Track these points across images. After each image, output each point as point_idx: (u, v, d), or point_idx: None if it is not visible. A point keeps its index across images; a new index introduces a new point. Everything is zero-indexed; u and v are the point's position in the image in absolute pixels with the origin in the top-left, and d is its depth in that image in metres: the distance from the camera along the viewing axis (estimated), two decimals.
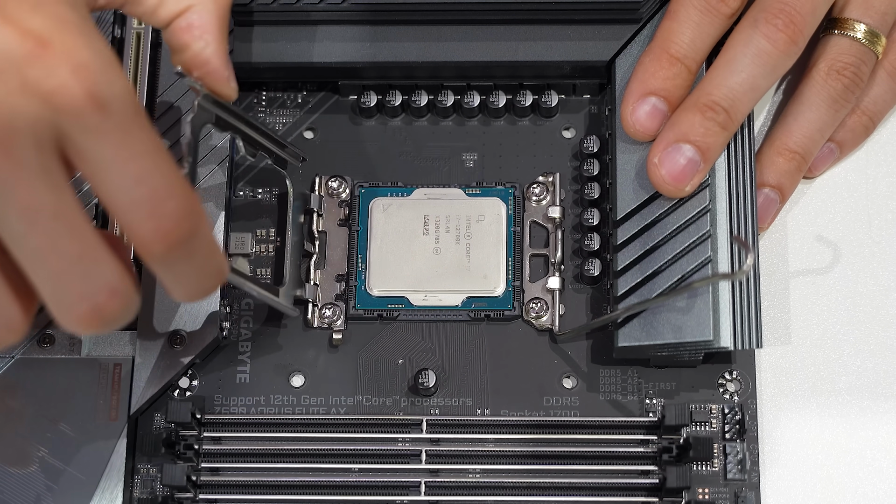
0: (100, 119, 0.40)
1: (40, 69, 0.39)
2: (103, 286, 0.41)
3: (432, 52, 0.56)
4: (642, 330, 0.52)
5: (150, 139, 0.41)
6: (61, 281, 0.41)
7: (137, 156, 0.40)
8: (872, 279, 0.56)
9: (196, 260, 0.43)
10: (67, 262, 0.40)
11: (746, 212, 0.53)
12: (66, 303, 0.41)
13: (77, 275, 0.41)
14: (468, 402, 0.54)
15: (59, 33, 0.39)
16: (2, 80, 0.39)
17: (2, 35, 0.39)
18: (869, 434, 0.54)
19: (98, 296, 0.41)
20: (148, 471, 0.53)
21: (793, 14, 0.52)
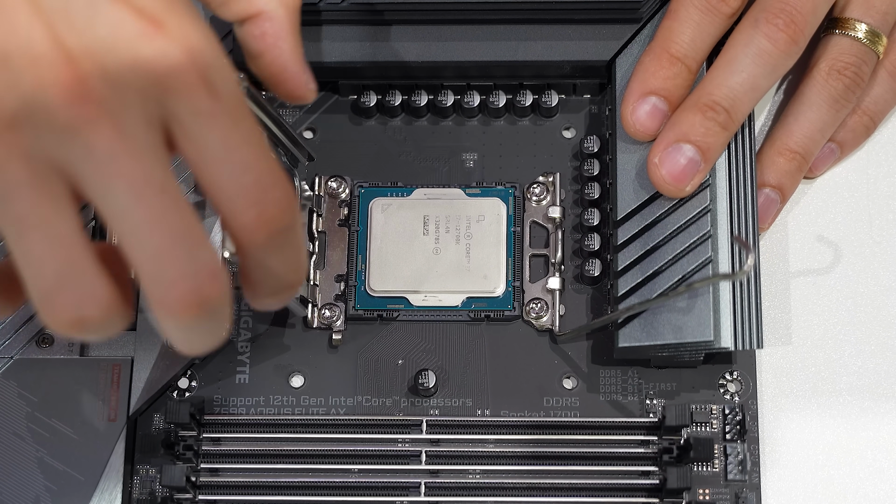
0: (211, 103, 0.40)
1: (154, 49, 0.39)
2: (204, 267, 0.40)
3: (432, 52, 0.56)
4: (643, 330, 0.52)
5: (256, 128, 0.41)
6: (164, 258, 0.40)
7: (245, 143, 0.40)
8: (873, 279, 0.56)
9: (288, 252, 0.43)
10: (171, 238, 0.39)
11: (747, 212, 0.53)
12: (167, 281, 0.40)
13: (180, 252, 0.40)
14: (468, 402, 0.54)
15: (171, 15, 0.39)
16: (115, 56, 0.39)
17: (115, 13, 0.39)
18: (870, 434, 0.54)
19: (199, 276, 0.40)
20: (147, 471, 0.53)
21: (793, 14, 0.52)
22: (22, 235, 0.39)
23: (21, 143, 0.38)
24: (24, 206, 0.39)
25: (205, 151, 0.40)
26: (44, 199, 0.39)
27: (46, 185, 0.39)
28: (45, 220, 0.39)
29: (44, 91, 0.38)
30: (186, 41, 0.39)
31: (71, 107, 0.38)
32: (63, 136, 0.38)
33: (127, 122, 0.39)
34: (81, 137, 0.38)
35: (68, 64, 0.38)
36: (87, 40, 0.38)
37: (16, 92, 0.38)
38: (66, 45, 0.38)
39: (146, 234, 0.39)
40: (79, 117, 0.38)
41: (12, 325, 0.54)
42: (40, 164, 0.39)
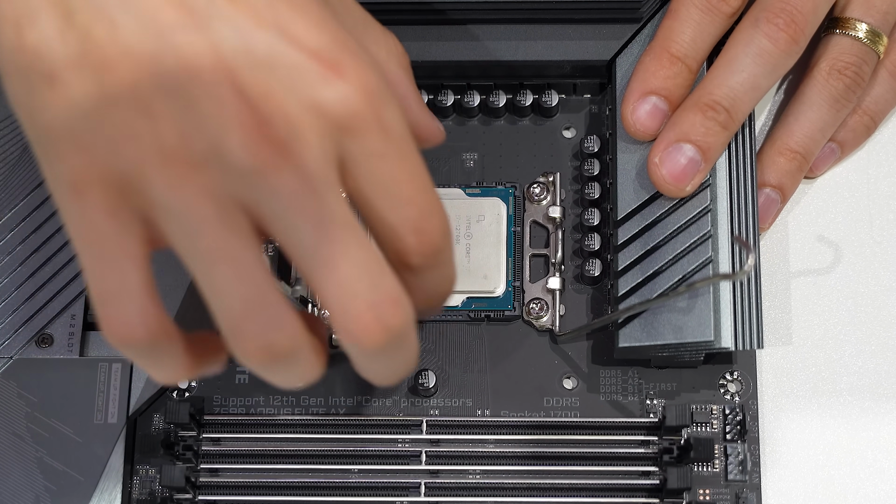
0: (383, 142, 0.41)
1: (334, 92, 0.40)
2: (387, 296, 0.42)
3: (432, 52, 0.56)
4: (643, 330, 0.52)
5: (419, 159, 0.42)
6: (348, 291, 0.41)
7: (409, 177, 0.42)
8: (874, 279, 0.56)
9: (443, 269, 0.44)
10: (355, 271, 0.41)
11: (747, 212, 0.53)
12: (353, 312, 0.41)
13: (364, 284, 0.41)
14: (468, 402, 0.54)
15: (348, 57, 0.41)
16: (296, 100, 0.40)
17: (295, 57, 0.40)
18: (870, 435, 0.54)
19: (383, 305, 0.41)
20: (147, 472, 0.53)
21: (794, 13, 0.52)
22: (210, 269, 0.41)
23: (208, 182, 0.39)
24: (211, 241, 0.40)
25: (371, 186, 0.42)
26: (230, 233, 0.40)
27: (232, 219, 0.40)
28: (231, 253, 0.40)
29: (229, 135, 0.39)
30: (363, 83, 0.41)
31: (254, 151, 0.39)
32: (247, 177, 0.39)
33: (308, 162, 0.40)
34: (265, 180, 0.39)
35: (251, 109, 0.39)
36: (269, 85, 0.40)
37: (203, 135, 0.39)
38: (248, 89, 0.39)
39: (330, 270, 0.41)
40: (262, 161, 0.39)
41: (12, 325, 0.54)
42: (226, 200, 0.40)
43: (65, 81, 0.39)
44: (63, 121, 0.40)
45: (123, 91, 0.39)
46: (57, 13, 0.39)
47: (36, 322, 0.54)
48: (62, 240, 0.55)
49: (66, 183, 0.40)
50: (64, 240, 0.55)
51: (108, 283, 0.41)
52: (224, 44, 0.39)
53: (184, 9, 0.39)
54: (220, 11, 0.40)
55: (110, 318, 0.41)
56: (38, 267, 0.55)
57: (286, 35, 0.40)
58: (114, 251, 0.41)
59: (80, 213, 0.41)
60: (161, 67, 0.39)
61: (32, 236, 0.55)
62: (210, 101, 0.39)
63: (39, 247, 0.55)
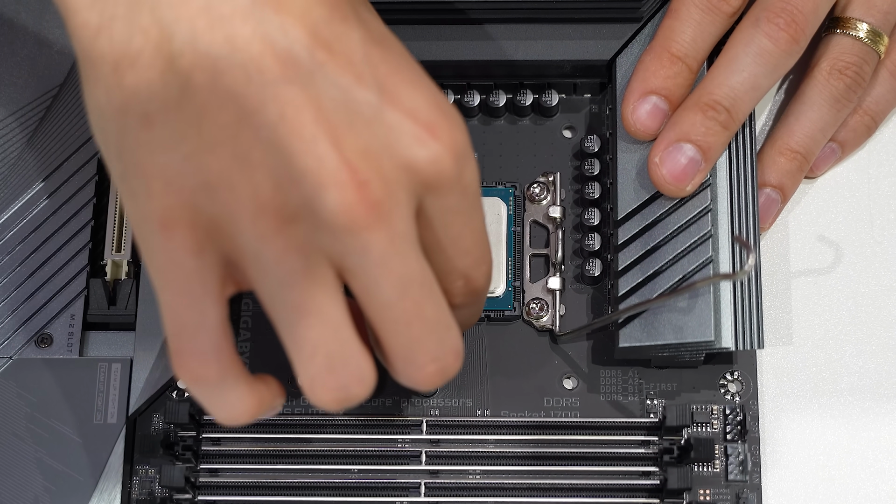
0: (459, 200, 0.43)
1: (428, 153, 0.41)
2: (451, 349, 0.44)
3: (432, 52, 0.56)
4: (643, 330, 0.51)
5: (482, 212, 0.45)
6: (418, 345, 0.43)
7: (472, 231, 0.44)
8: (874, 279, 0.56)
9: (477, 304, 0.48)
10: (427, 327, 0.43)
11: (748, 212, 0.52)
12: (418, 364, 0.44)
13: (433, 339, 0.43)
14: (468, 402, 0.54)
15: (441, 116, 0.42)
16: (392, 160, 0.41)
17: (394, 117, 0.41)
18: (871, 435, 0.53)
19: (446, 358, 0.44)
20: (146, 472, 0.53)
21: (794, 13, 0.52)
22: (296, 323, 0.42)
23: (299, 236, 0.40)
24: (299, 295, 0.41)
25: (441, 238, 0.44)
26: (317, 287, 0.41)
27: (320, 273, 0.41)
28: (318, 307, 0.41)
29: (325, 192, 0.40)
30: (454, 144, 0.42)
31: (349, 210, 0.40)
32: (339, 234, 0.40)
33: (397, 222, 0.41)
34: (356, 238, 0.40)
35: (349, 167, 0.40)
36: (367, 143, 0.40)
37: (299, 189, 0.40)
38: (347, 146, 0.40)
39: (405, 326, 0.43)
40: (355, 220, 0.40)
41: (11, 324, 0.54)
42: (315, 254, 0.41)
43: (162, 123, 0.40)
44: (158, 162, 0.40)
45: (223, 139, 0.40)
46: (160, 56, 0.39)
47: (35, 322, 0.54)
48: (62, 239, 0.55)
49: (153, 220, 0.41)
50: (64, 239, 0.55)
51: (186, 319, 0.42)
52: (325, 100, 0.40)
53: (287, 63, 0.39)
54: (323, 68, 0.40)
55: (184, 353, 0.42)
56: (38, 266, 0.55)
57: (385, 94, 0.41)
58: (195, 288, 0.42)
59: (164, 250, 0.41)
60: (262, 119, 0.39)
61: (32, 236, 0.55)
62: (308, 156, 0.40)
63: (39, 246, 0.55)
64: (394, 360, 0.44)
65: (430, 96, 0.42)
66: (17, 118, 0.57)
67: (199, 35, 0.39)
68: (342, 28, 0.41)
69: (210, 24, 0.39)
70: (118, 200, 0.55)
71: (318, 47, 0.40)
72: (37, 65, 0.58)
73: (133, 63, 0.39)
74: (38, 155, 0.56)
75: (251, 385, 0.44)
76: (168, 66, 0.39)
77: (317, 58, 0.40)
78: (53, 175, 0.56)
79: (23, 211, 0.56)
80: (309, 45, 0.40)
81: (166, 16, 0.39)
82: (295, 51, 0.40)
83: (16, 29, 0.58)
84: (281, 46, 0.39)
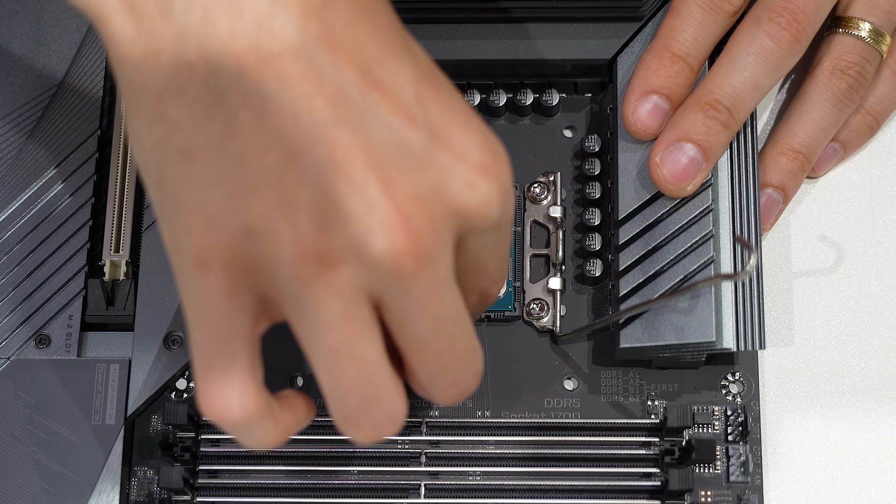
0: (497, 236, 0.43)
1: (479, 197, 0.41)
2: (473, 373, 0.45)
3: (431, 51, 0.55)
4: (644, 331, 0.51)
5: (510, 238, 0.46)
6: (445, 372, 0.44)
7: (499, 259, 0.45)
8: (876, 280, 0.55)
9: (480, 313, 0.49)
10: (456, 357, 0.43)
11: (749, 212, 0.52)
12: (441, 387, 0.44)
13: (459, 368, 0.44)
14: (468, 403, 0.54)
15: (492, 158, 0.42)
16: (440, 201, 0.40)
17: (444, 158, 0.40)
18: (873, 436, 0.53)
19: (468, 382, 0.45)
20: (145, 473, 0.53)
21: (796, 12, 0.52)
22: (333, 365, 0.41)
23: (341, 282, 0.40)
24: (338, 338, 0.41)
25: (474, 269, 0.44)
26: (356, 330, 0.41)
27: (359, 316, 0.41)
28: (355, 350, 0.41)
29: (374, 237, 0.39)
30: (502, 185, 0.42)
31: (397, 255, 0.39)
32: (384, 279, 0.40)
33: (441, 266, 0.41)
34: (401, 282, 0.40)
35: (399, 212, 0.39)
36: (417, 187, 0.40)
37: (345, 233, 0.39)
38: (396, 190, 0.39)
39: (435, 357, 0.43)
40: (403, 265, 0.40)
41: (9, 325, 0.54)
42: (357, 297, 0.40)
43: (204, 160, 0.39)
44: (199, 199, 0.39)
45: (267, 180, 0.39)
46: (206, 92, 0.38)
47: (34, 322, 0.54)
48: (60, 239, 0.55)
49: (189, 256, 0.40)
50: (62, 240, 0.55)
51: (215, 361, 0.41)
52: (376, 142, 0.39)
53: (338, 102, 0.38)
54: (375, 108, 0.39)
55: (210, 395, 0.42)
56: (36, 267, 0.55)
57: (437, 135, 0.40)
58: (226, 331, 0.41)
59: (198, 288, 0.40)
60: (309, 161, 0.38)
61: (30, 236, 0.55)
62: (356, 199, 0.39)
63: (37, 246, 0.55)
64: (419, 383, 0.44)
65: (481, 136, 0.41)
66: (14, 118, 0.57)
67: (248, 72, 0.38)
68: (395, 66, 0.40)
69: (259, 62, 0.38)
70: (116, 200, 0.55)
71: (370, 87, 0.39)
72: (35, 64, 0.58)
73: (178, 97, 0.38)
74: (35, 155, 0.56)
75: (276, 419, 0.44)
76: (214, 102, 0.38)
77: (369, 98, 0.39)
78: (51, 175, 0.56)
79: (21, 211, 0.55)
80: (361, 84, 0.39)
81: (214, 51, 0.38)
82: (346, 90, 0.38)
83: (14, 28, 0.58)
84: (332, 85, 0.38)
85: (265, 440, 0.44)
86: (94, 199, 0.56)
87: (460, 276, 0.43)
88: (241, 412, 0.42)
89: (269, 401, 0.43)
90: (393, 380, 0.43)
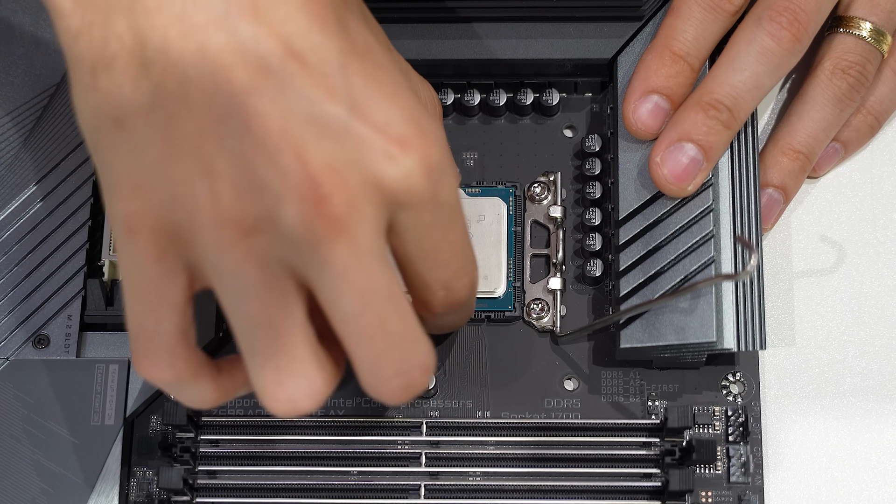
0: (433, 215, 0.42)
1: (397, 170, 0.41)
2: (417, 365, 0.44)
3: (431, 50, 0.55)
4: (645, 331, 0.51)
5: (462, 225, 0.45)
6: (382, 359, 0.43)
7: (450, 244, 0.44)
8: (878, 280, 0.55)
9: (463, 311, 0.48)
10: (391, 341, 0.43)
11: (750, 212, 0.52)
12: (382, 378, 0.43)
13: (397, 354, 0.43)
14: (468, 404, 0.54)
15: (414, 131, 0.41)
16: (358, 175, 0.40)
17: (362, 129, 0.40)
18: (874, 437, 0.53)
19: (412, 373, 0.44)
20: (144, 474, 0.53)
21: (797, 12, 0.52)
22: (249, 333, 0.42)
23: (258, 248, 0.40)
24: (254, 306, 0.41)
25: (416, 252, 0.43)
26: (272, 299, 0.41)
27: (277, 286, 0.41)
28: (271, 319, 0.42)
29: (286, 204, 0.40)
30: (426, 159, 0.41)
31: (310, 224, 0.40)
32: (300, 247, 0.40)
33: (361, 237, 0.41)
34: (317, 251, 0.40)
35: (312, 181, 0.40)
36: (333, 157, 0.40)
37: (260, 200, 0.40)
38: (312, 160, 0.40)
39: (368, 339, 0.42)
40: (316, 234, 0.40)
41: (8, 325, 0.54)
42: (274, 266, 0.41)
43: (132, 128, 0.40)
44: (126, 165, 0.41)
45: (189, 147, 0.40)
46: (133, 63, 0.40)
47: (32, 323, 0.54)
48: (59, 239, 0.55)
49: (120, 222, 0.41)
50: (61, 240, 0.55)
51: (144, 324, 0.43)
52: (294, 112, 0.40)
53: (257, 73, 0.39)
54: (294, 79, 0.40)
55: (141, 356, 0.43)
56: (35, 267, 0.55)
57: (356, 108, 0.41)
58: (153, 295, 0.42)
59: (128, 253, 0.42)
60: (227, 129, 0.40)
61: (29, 236, 0.55)
62: (272, 167, 0.40)
63: (36, 246, 0.55)
64: (359, 372, 0.44)
65: (406, 110, 0.42)
66: (13, 117, 0.57)
67: (172, 43, 0.39)
68: (321, 38, 0.40)
69: (183, 33, 0.39)
70: None
71: (291, 58, 0.40)
72: (34, 64, 0.58)
73: (108, 67, 0.40)
74: (34, 154, 0.56)
75: (213, 381, 0.45)
76: (140, 73, 0.40)
77: (288, 69, 0.40)
78: (50, 175, 0.56)
79: (19, 211, 0.55)
80: (281, 56, 0.40)
81: (141, 23, 0.40)
82: (267, 61, 0.39)
83: (12, 28, 0.58)
84: (252, 56, 0.39)
85: (199, 400, 0.45)
86: (93, 199, 0.55)
87: (411, 264, 0.44)
88: (169, 373, 0.43)
89: (202, 363, 0.44)
90: (312, 355, 0.43)
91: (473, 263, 0.46)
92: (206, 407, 0.45)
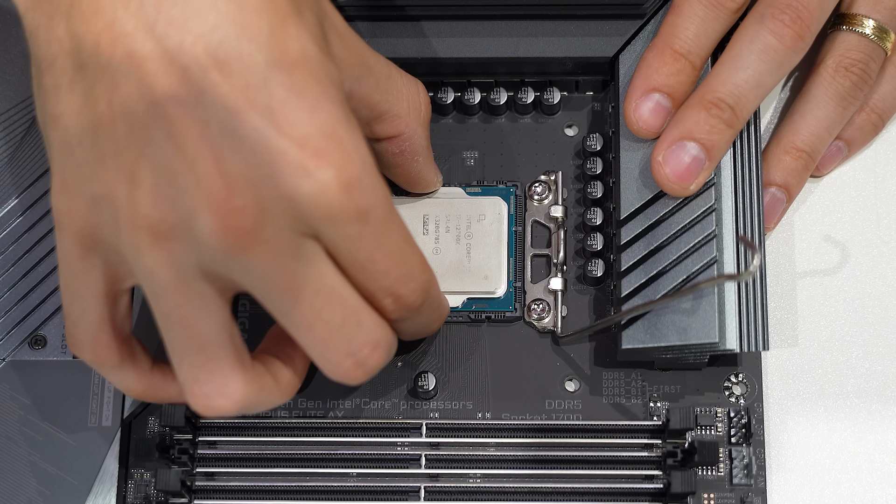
0: (357, 228, 0.43)
1: (312, 185, 0.41)
2: (365, 343, 0.45)
3: (432, 49, 0.55)
4: (646, 332, 0.51)
5: (397, 233, 0.44)
6: (327, 344, 0.44)
7: (386, 253, 0.44)
8: (881, 280, 0.55)
9: (423, 315, 0.47)
10: (331, 328, 0.44)
11: (753, 211, 0.52)
12: (333, 361, 0.45)
13: (341, 338, 0.44)
14: (468, 405, 0.54)
15: (331, 144, 0.41)
16: (273, 189, 0.41)
17: (277, 142, 0.41)
18: (878, 438, 0.53)
19: (361, 352, 0.45)
20: (142, 475, 0.53)
21: (800, 9, 0.52)
22: (167, 330, 0.44)
23: (173, 253, 0.42)
24: (168, 306, 0.43)
25: (350, 264, 0.44)
26: (187, 301, 0.43)
27: (193, 289, 0.43)
28: (186, 318, 0.43)
29: (200, 214, 0.41)
30: (345, 173, 0.42)
31: (222, 234, 0.41)
32: (216, 255, 0.42)
33: (279, 243, 0.42)
34: (233, 259, 0.42)
35: (227, 192, 0.41)
36: (248, 169, 0.41)
37: (176, 209, 0.41)
38: (228, 171, 0.41)
39: (306, 329, 0.44)
40: (229, 244, 0.41)
41: (4, 326, 0.54)
42: (188, 270, 0.42)
43: (65, 128, 0.42)
44: (58, 162, 0.43)
45: (112, 152, 0.42)
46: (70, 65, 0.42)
47: (29, 323, 0.54)
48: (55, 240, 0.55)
49: (54, 215, 0.44)
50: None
51: (70, 311, 0.46)
52: (212, 122, 0.41)
53: (181, 81, 0.41)
54: (214, 89, 0.41)
55: (68, 337, 0.46)
56: (31, 267, 0.55)
57: (274, 120, 0.41)
58: (78, 287, 0.45)
59: (59, 247, 0.44)
60: (149, 136, 0.41)
61: (25, 236, 0.55)
62: (189, 176, 0.41)
63: (32, 247, 0.55)
64: (313, 359, 0.45)
65: (326, 123, 0.41)
66: (10, 116, 0.57)
67: (103, 48, 0.41)
68: (249, 48, 0.41)
69: (113, 39, 0.41)
70: None
71: (213, 68, 0.40)
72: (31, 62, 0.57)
73: (50, 67, 0.42)
74: (32, 153, 0.56)
75: (137, 371, 0.47)
76: (76, 75, 0.42)
77: (209, 78, 0.40)
78: (48, 174, 0.55)
79: (16, 210, 0.55)
80: (204, 65, 0.40)
81: (77, 28, 0.42)
82: (190, 70, 0.40)
83: (8, 26, 0.58)
84: (176, 64, 0.40)
85: (124, 387, 0.47)
86: None
87: (349, 275, 0.44)
88: (88, 356, 0.46)
89: (131, 353, 0.46)
90: (229, 356, 0.44)
91: (420, 268, 0.46)
92: (136, 397, 0.48)
